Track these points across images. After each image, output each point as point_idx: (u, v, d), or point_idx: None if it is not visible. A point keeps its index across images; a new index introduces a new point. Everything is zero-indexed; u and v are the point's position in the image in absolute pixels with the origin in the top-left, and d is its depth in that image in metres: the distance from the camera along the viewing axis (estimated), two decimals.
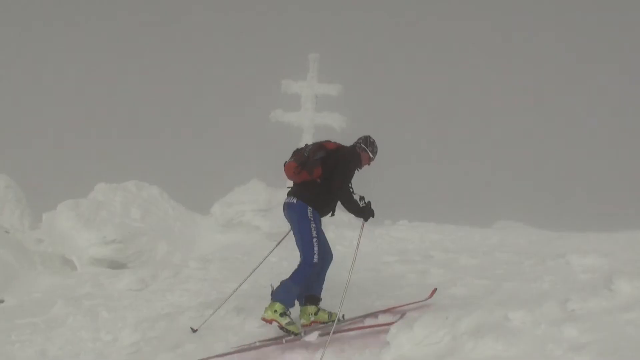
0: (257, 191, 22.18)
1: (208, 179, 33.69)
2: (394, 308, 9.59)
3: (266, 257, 10.39)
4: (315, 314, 9.24)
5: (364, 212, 8.92)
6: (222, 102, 48.47)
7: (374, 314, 9.48)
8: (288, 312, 8.82)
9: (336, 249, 16.53)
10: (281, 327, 8.76)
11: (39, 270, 16.64)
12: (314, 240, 8.85)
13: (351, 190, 9.02)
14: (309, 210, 8.90)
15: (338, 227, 19.56)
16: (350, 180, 9.00)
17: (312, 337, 8.73)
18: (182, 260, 16.96)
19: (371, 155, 9.40)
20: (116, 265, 17.73)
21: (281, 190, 23.46)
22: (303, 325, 9.23)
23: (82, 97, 49.45)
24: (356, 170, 9.23)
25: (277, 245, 10.29)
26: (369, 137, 9.48)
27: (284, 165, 9.14)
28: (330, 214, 9.31)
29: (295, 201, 8.98)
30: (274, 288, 8.86)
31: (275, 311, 8.70)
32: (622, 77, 52.00)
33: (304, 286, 8.99)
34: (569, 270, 10.38)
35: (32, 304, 13.81)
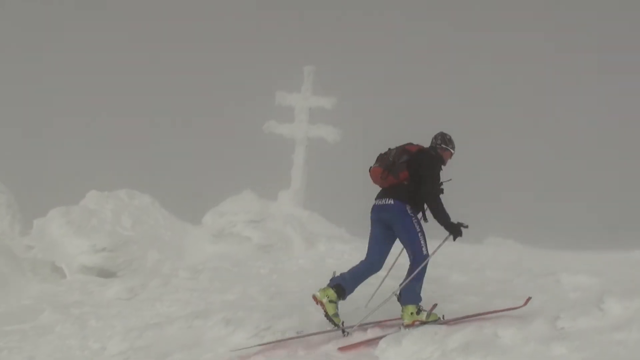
0: (250, 202, 22.15)
1: (201, 189, 33.62)
2: (387, 320, 9.61)
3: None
4: (331, 301, 9.30)
5: (453, 228, 9.07)
6: (215, 112, 48.42)
7: (363, 326, 9.50)
8: (421, 308, 9.10)
9: (327, 262, 16.71)
10: (424, 323, 8.96)
11: (28, 277, 16.56)
12: (419, 234, 9.05)
13: (441, 190, 9.24)
14: (408, 207, 9.07)
15: (329, 240, 19.56)
16: (438, 182, 9.20)
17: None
18: (172, 269, 16.91)
19: (452, 152, 9.62)
20: (106, 273, 17.66)
21: (273, 201, 23.49)
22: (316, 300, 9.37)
23: (75, 101, 49.33)
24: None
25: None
26: (445, 134, 9.68)
27: (369, 170, 9.37)
28: (423, 215, 9.32)
29: (392, 202, 9.11)
30: (398, 295, 9.27)
31: (412, 313, 9.01)
32: (623, 82, 51.82)
33: (423, 278, 9.18)
34: (560, 288, 10.42)
35: (20, 310, 13.76)
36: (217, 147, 46.29)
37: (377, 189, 9.46)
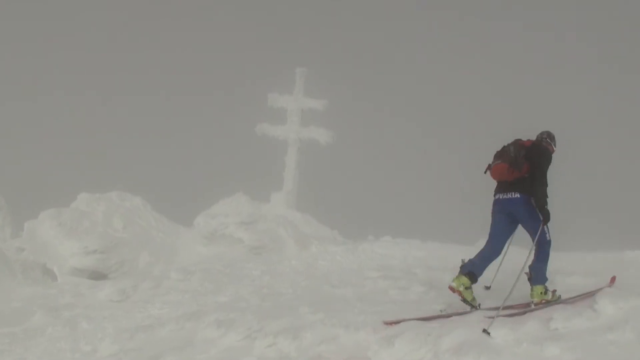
0: (242, 204, 22.11)
1: (192, 191, 33.61)
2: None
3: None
4: (467, 288, 9.91)
5: (547, 214, 9.74)
6: (208, 114, 48.43)
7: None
8: (547, 288, 9.78)
9: (320, 263, 16.67)
10: (549, 302, 9.61)
11: (19, 279, 16.48)
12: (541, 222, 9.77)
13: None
14: (532, 200, 9.77)
15: (322, 242, 19.52)
16: (546, 171, 9.89)
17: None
18: (164, 271, 16.83)
19: (554, 148, 10.32)
20: (97, 275, 17.60)
21: (266, 203, 23.43)
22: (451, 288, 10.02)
23: (66, 102, 49.26)
24: None
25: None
26: (551, 132, 10.42)
27: (491, 167, 10.03)
28: None
29: (518, 195, 9.85)
30: (529, 275, 9.90)
31: (540, 293, 9.69)
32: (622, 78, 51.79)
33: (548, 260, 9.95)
34: (553, 289, 10.39)
35: (11, 313, 13.67)
36: (209, 149, 46.32)
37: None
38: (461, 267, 10.06)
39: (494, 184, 10.19)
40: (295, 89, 25.26)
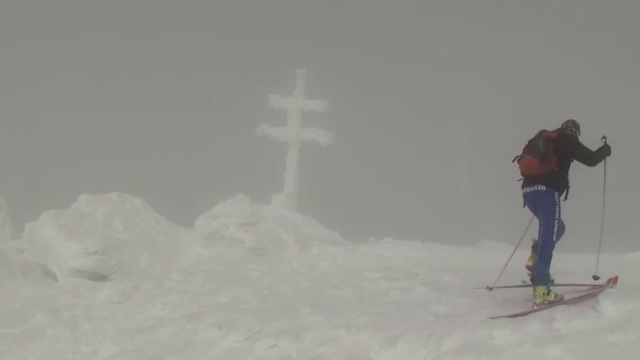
0: (242, 205, 22.10)
1: (193, 192, 33.54)
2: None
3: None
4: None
5: (606, 152, 10.13)
6: (208, 115, 48.36)
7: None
8: (549, 290, 9.71)
9: (320, 265, 16.66)
10: (551, 302, 9.60)
11: (19, 280, 16.43)
12: (556, 222, 9.87)
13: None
14: (556, 194, 9.93)
15: (322, 243, 19.51)
16: (585, 148, 10.08)
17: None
18: (164, 272, 16.79)
19: (579, 136, 10.43)
20: (97, 276, 17.54)
21: (266, 204, 23.44)
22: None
23: (67, 103, 49.17)
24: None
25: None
26: (575, 121, 10.60)
27: (519, 162, 10.17)
28: (565, 194, 10.22)
29: (544, 188, 9.91)
30: (532, 276, 10.10)
31: (543, 294, 9.65)
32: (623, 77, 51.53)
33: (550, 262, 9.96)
34: (555, 290, 10.38)
35: (11, 314, 13.62)
36: (210, 150, 46.28)
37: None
38: (532, 247, 10.37)
39: (495, 184, 10.24)
40: (296, 90, 25.30)
